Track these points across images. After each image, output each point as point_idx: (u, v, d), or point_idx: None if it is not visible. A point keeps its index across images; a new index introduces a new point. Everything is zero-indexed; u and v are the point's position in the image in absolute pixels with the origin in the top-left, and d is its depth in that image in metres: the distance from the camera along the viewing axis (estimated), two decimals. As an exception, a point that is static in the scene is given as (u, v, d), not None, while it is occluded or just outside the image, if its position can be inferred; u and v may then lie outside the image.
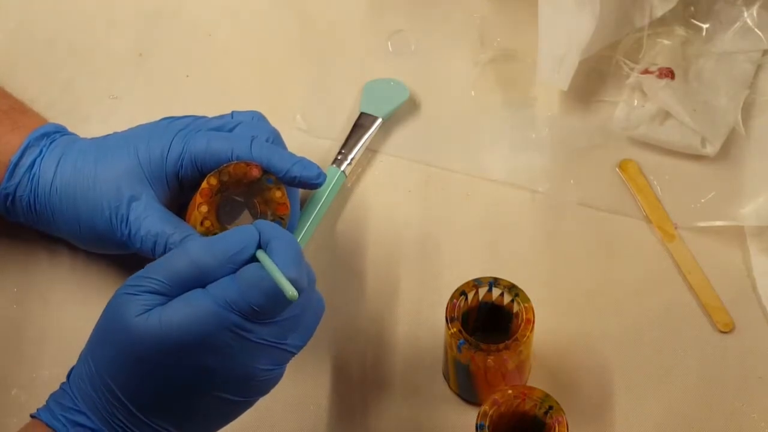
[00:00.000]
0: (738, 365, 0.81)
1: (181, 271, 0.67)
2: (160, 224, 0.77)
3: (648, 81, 0.90)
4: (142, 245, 0.77)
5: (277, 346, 0.68)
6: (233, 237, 0.67)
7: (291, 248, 0.67)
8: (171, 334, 0.65)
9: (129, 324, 0.65)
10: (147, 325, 0.65)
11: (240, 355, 0.66)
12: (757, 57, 0.92)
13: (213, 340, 0.65)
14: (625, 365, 0.81)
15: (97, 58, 0.96)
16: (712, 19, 0.93)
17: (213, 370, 0.66)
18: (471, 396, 0.79)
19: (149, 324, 0.65)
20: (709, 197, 0.88)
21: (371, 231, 0.87)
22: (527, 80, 0.93)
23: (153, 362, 0.65)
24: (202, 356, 0.65)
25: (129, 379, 0.66)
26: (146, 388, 0.66)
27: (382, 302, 0.84)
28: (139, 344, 0.65)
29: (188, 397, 0.67)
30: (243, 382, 0.68)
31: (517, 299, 0.77)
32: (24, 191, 0.80)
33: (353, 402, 0.80)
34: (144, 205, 0.77)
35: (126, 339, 0.66)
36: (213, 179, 0.76)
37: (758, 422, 0.79)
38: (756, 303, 0.83)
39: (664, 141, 0.90)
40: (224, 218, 0.79)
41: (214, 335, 0.65)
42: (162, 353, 0.65)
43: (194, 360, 0.65)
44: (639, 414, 0.79)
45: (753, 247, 0.85)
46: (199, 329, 0.65)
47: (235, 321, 0.65)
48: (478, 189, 0.89)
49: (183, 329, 0.65)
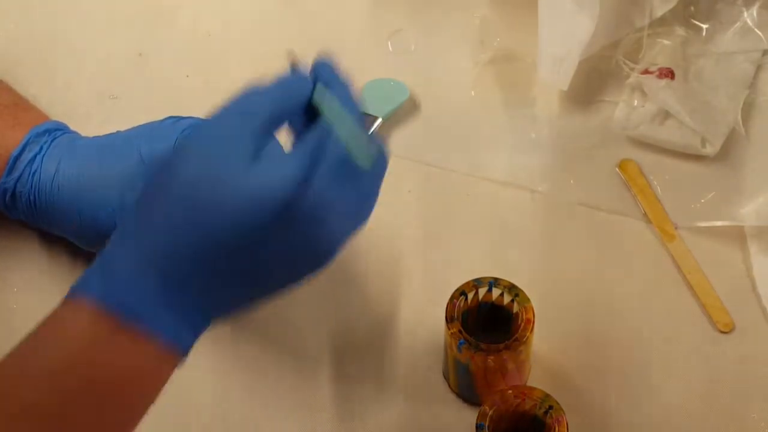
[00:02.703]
0: (738, 365, 0.81)
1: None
2: None
3: (648, 81, 0.91)
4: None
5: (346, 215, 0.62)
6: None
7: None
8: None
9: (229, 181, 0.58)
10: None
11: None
12: (757, 57, 0.92)
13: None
14: (625, 365, 0.81)
15: (97, 58, 0.96)
16: (712, 19, 0.93)
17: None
18: (471, 396, 0.79)
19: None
20: (709, 197, 0.88)
21: (371, 231, 0.87)
22: (527, 80, 0.93)
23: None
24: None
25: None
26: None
27: (382, 302, 0.84)
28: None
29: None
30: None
31: (517, 299, 0.77)
32: (24, 187, 0.80)
33: (353, 402, 0.80)
34: None
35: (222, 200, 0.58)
36: None
37: (758, 422, 0.79)
38: (756, 303, 0.83)
39: (664, 141, 0.90)
40: None
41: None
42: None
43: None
44: (639, 414, 0.79)
45: (753, 247, 0.85)
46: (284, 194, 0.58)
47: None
48: (478, 189, 0.89)
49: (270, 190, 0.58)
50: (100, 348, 0.58)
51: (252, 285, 0.62)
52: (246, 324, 0.83)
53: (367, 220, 0.64)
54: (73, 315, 0.59)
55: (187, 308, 0.60)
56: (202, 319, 0.61)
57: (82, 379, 0.58)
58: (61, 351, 0.58)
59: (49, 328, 0.59)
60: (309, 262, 0.63)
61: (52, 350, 0.58)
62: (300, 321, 0.83)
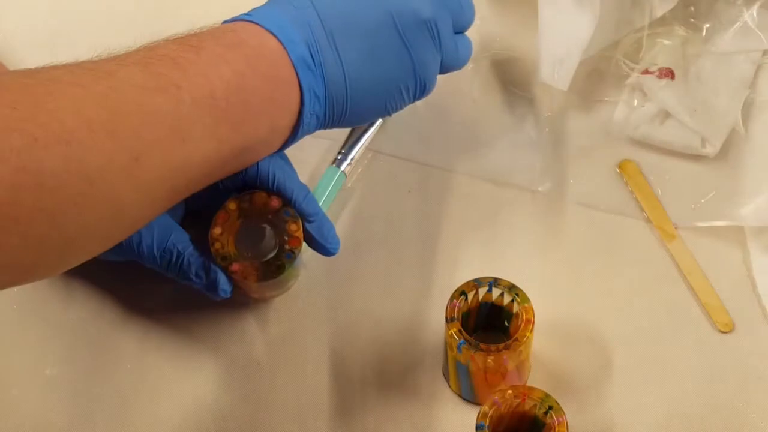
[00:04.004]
0: (737, 365, 0.81)
1: None
2: (170, 234, 0.77)
3: (648, 81, 0.91)
4: (147, 253, 0.77)
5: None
6: None
7: None
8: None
9: None
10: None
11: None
12: (757, 57, 0.92)
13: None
14: (624, 365, 0.81)
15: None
16: (712, 19, 0.93)
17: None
18: (471, 396, 0.79)
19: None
20: (708, 197, 0.88)
21: (371, 231, 0.87)
22: (527, 80, 0.93)
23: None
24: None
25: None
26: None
27: (382, 302, 0.84)
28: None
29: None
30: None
31: (516, 299, 0.77)
32: None
33: (353, 402, 0.80)
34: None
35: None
36: (233, 204, 0.77)
37: (758, 422, 0.79)
38: (756, 303, 0.83)
39: (664, 141, 0.90)
40: (242, 241, 0.79)
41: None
42: None
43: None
44: (639, 414, 0.79)
45: (753, 247, 0.85)
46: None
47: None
48: (478, 189, 0.89)
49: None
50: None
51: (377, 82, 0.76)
52: (246, 324, 0.83)
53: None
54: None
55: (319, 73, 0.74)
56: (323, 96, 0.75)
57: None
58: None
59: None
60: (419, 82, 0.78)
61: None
62: (300, 321, 0.83)
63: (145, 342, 0.82)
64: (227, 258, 0.77)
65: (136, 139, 0.63)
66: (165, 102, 0.65)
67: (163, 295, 0.83)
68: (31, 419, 0.79)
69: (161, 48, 0.69)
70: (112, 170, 0.62)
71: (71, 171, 0.60)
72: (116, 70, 0.65)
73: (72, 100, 0.61)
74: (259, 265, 0.78)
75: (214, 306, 0.82)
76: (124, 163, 0.63)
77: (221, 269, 0.77)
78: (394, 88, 0.77)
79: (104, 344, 0.82)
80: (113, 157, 0.62)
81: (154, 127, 0.64)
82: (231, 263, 0.77)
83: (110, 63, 0.67)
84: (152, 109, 0.65)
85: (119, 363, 0.81)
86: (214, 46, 0.70)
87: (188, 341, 0.82)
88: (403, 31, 0.76)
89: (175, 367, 0.81)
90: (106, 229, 0.64)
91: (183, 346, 0.82)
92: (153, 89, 0.65)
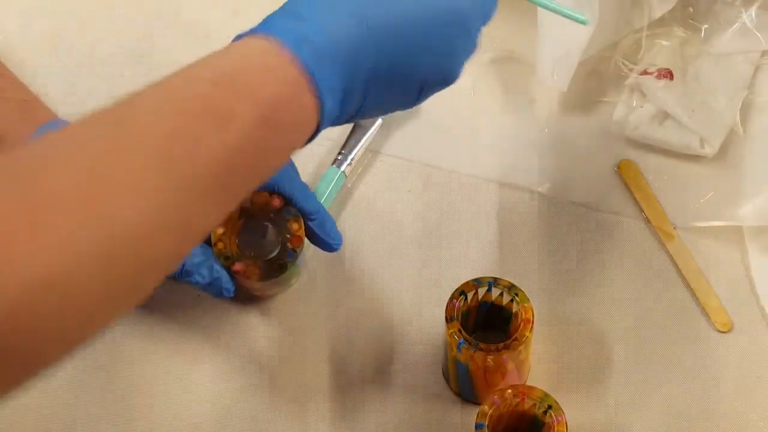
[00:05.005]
0: (736, 365, 0.81)
1: None
2: None
3: (647, 82, 0.91)
4: None
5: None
6: None
7: None
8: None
9: None
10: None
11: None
12: (755, 58, 0.92)
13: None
14: (624, 365, 0.81)
15: (97, 58, 0.96)
16: (711, 19, 0.93)
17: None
18: (471, 396, 0.79)
19: None
20: (707, 197, 0.88)
21: (371, 231, 0.87)
22: (527, 81, 0.93)
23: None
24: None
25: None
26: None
27: (382, 302, 0.84)
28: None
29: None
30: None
31: (516, 299, 0.77)
32: None
33: (353, 402, 0.80)
34: None
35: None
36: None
37: (757, 422, 0.79)
38: (755, 303, 0.83)
39: (663, 141, 0.90)
40: (244, 240, 0.80)
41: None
42: None
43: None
44: (638, 414, 0.79)
45: (752, 247, 0.85)
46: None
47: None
48: (478, 189, 0.89)
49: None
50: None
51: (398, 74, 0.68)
52: (245, 324, 0.83)
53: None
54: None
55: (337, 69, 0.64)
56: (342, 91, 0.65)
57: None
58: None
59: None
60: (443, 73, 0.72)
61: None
62: (300, 321, 0.83)
63: (147, 339, 0.82)
64: (230, 258, 0.78)
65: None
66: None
67: (165, 291, 0.83)
68: (31, 418, 0.79)
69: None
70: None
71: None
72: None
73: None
74: (261, 264, 0.78)
75: (215, 302, 0.82)
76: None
77: (224, 269, 0.78)
78: (415, 84, 0.72)
79: (105, 341, 0.82)
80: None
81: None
82: (233, 263, 0.78)
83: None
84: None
85: (120, 360, 0.81)
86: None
87: (189, 338, 0.82)
88: (443, 26, 0.72)
89: (176, 363, 0.81)
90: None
91: (184, 342, 0.82)
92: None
